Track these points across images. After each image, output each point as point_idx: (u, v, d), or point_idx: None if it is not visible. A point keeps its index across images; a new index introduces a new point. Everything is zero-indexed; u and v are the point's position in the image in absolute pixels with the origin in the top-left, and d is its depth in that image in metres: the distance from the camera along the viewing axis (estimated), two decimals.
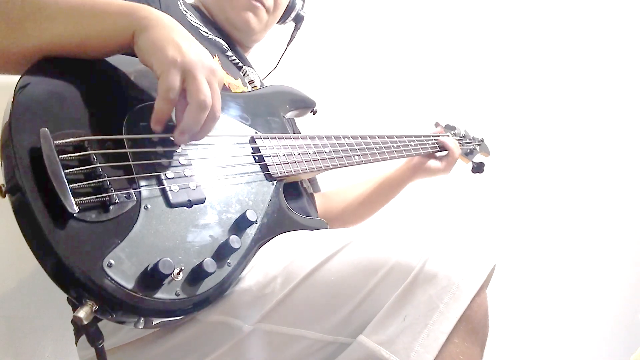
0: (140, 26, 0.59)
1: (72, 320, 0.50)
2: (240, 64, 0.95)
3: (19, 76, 0.56)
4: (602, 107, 2.04)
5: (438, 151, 1.17)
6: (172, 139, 0.61)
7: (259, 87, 0.96)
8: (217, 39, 0.90)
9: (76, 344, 0.74)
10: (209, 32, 0.89)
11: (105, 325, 0.64)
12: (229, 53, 0.92)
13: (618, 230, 2.00)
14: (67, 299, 0.52)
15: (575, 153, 2.01)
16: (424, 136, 1.14)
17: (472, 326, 0.58)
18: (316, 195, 1.06)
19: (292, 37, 1.14)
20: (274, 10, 1.01)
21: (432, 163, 1.17)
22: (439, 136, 1.18)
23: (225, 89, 0.83)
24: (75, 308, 0.50)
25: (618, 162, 2.03)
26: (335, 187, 1.18)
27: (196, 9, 0.95)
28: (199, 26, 0.87)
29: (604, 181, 2.01)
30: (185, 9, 0.86)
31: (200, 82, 0.58)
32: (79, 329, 0.56)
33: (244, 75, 0.94)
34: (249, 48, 1.08)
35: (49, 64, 0.58)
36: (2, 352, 0.93)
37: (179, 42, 0.58)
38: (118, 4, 0.61)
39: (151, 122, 0.59)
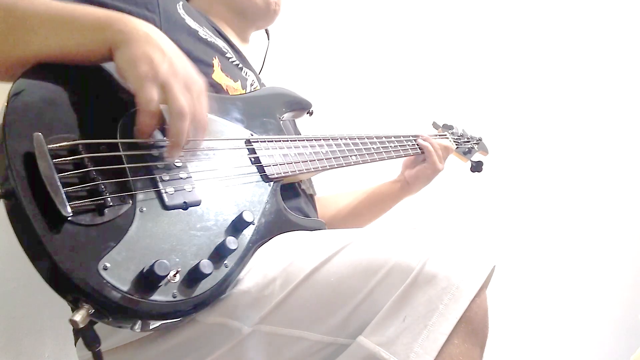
0: (116, 41, 0.59)
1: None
2: (241, 65, 0.95)
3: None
4: (602, 106, 2.03)
5: (419, 153, 1.09)
6: (165, 151, 0.61)
7: (259, 88, 0.96)
8: (217, 41, 0.90)
9: (75, 345, 0.74)
10: (208, 35, 0.88)
11: (104, 325, 0.64)
12: (229, 55, 0.92)
13: (618, 230, 2.00)
14: None
15: (575, 153, 2.00)
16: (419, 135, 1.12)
17: (472, 327, 0.58)
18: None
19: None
20: None
21: (422, 167, 1.10)
22: (418, 136, 1.10)
23: (223, 91, 0.83)
24: (75, 309, 0.50)
25: (618, 162, 2.02)
26: (328, 193, 1.17)
27: (198, 12, 0.94)
28: (197, 29, 0.86)
29: (604, 181, 2.00)
30: (183, 12, 0.86)
31: (176, 91, 0.58)
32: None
33: (245, 75, 0.94)
34: (247, 40, 1.08)
35: (43, 69, 0.58)
36: (2, 352, 0.93)
37: (152, 56, 0.58)
38: (96, 17, 0.61)
39: (135, 134, 0.60)
